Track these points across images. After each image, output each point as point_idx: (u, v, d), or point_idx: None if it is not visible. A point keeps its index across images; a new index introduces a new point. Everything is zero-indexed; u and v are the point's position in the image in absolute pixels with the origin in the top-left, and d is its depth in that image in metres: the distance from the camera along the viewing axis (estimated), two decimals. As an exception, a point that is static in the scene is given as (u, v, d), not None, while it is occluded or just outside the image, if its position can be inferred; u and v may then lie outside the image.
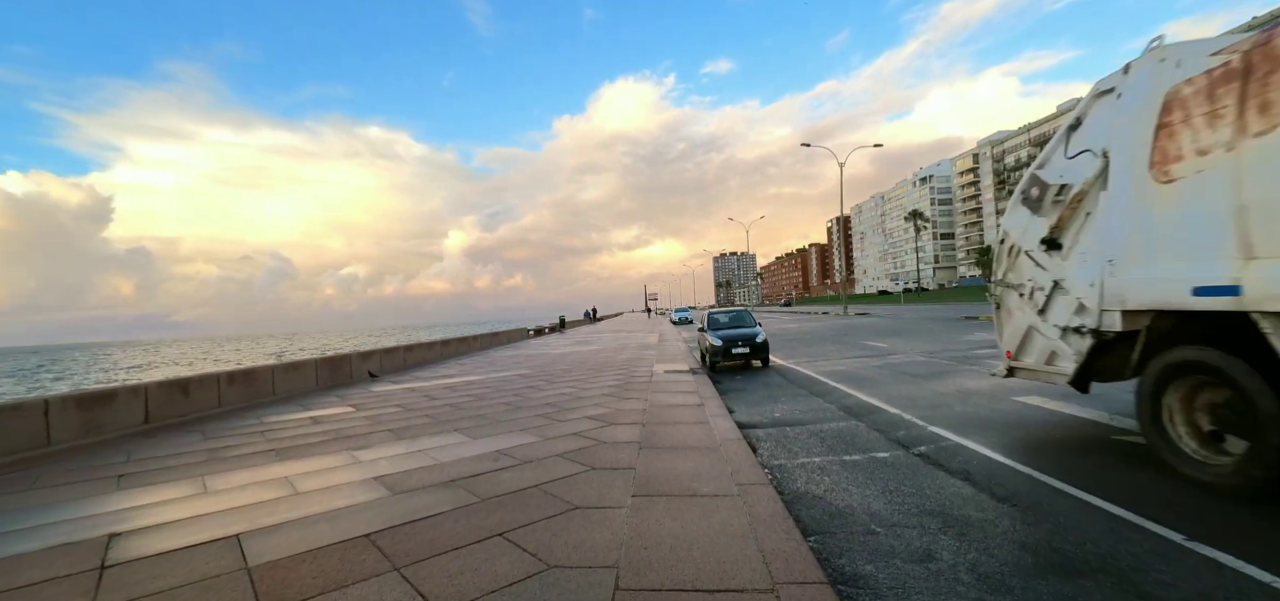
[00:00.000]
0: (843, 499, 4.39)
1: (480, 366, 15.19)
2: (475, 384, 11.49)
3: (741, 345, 13.06)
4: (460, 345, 20.30)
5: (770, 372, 12.33)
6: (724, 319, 15.04)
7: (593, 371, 12.85)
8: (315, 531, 3.77)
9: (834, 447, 5.90)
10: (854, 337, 19.86)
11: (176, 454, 6.20)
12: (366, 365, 13.37)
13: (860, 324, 28.77)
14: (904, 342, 16.61)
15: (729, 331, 13.74)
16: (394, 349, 15.03)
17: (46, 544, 3.75)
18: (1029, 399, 7.46)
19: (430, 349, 17.40)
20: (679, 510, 3.92)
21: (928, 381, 9.50)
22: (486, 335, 23.53)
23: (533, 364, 15.34)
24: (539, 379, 11.87)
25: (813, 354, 15.36)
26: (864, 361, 12.91)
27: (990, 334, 18.00)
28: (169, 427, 7.63)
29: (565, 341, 25.70)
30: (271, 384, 10.27)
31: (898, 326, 24.47)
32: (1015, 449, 5.34)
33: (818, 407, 8.08)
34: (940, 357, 12.59)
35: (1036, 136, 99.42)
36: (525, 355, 18.60)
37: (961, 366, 11.02)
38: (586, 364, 14.70)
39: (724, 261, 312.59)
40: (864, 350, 15.37)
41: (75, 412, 6.86)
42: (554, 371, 13.22)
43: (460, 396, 9.80)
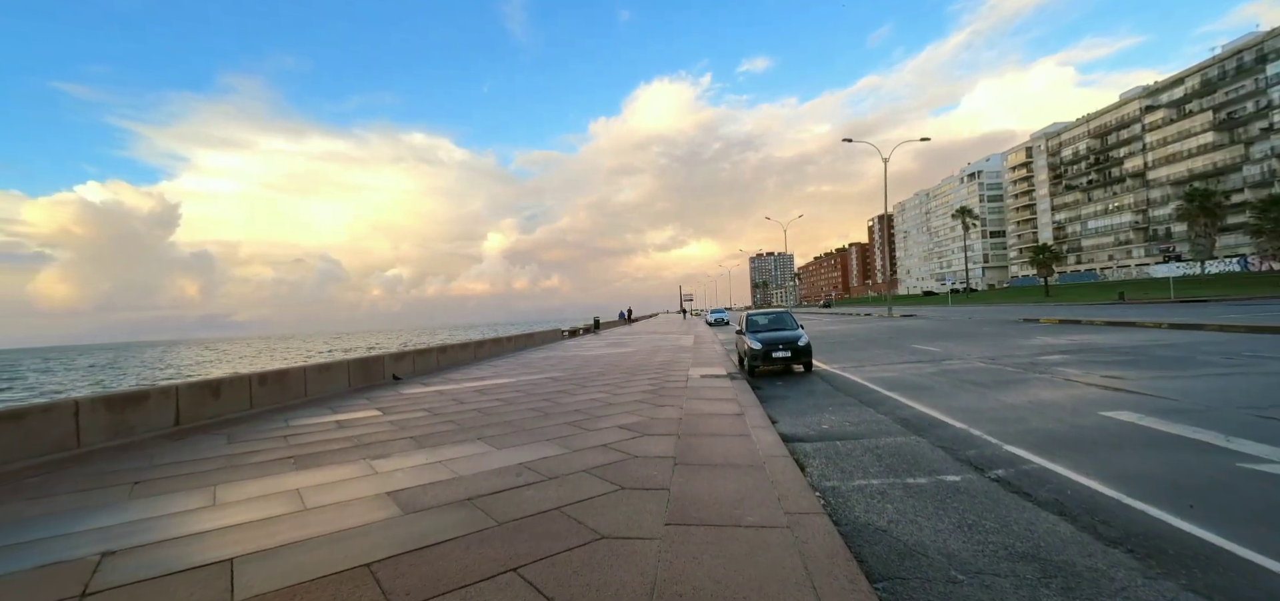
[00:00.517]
0: (912, 533, 3.76)
1: (513, 368, 14.95)
2: (506, 387, 11.19)
3: (782, 348, 12.36)
4: (494, 346, 20.21)
5: (813, 378, 11.58)
6: (763, 321, 14.33)
7: (626, 375, 12.39)
8: (314, 557, 3.40)
9: (894, 468, 5.22)
10: (902, 341, 18.76)
11: (196, 459, 6.04)
12: (397, 367, 13.29)
13: (907, 326, 27.39)
14: (959, 347, 15.50)
15: (769, 334, 13.05)
16: (427, 350, 14.97)
17: (39, 561, 3.51)
18: (1119, 414, 6.56)
19: (464, 350, 17.32)
20: (720, 544, 3.38)
21: (994, 391, 8.61)
22: (521, 336, 23.42)
23: (565, 366, 15.01)
24: (570, 382, 11.49)
25: (858, 358, 14.47)
26: (917, 367, 12.00)
27: (1056, 337, 16.59)
28: (198, 430, 7.56)
29: (599, 343, 25.38)
30: (303, 385, 10.22)
31: (949, 329, 23.10)
32: (1116, 476, 4.55)
33: (870, 419, 7.36)
34: (1004, 364, 11.57)
35: (1097, 127, 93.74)
36: (558, 357, 18.31)
37: (1030, 374, 10.03)
38: (620, 367, 14.26)
39: (760, 262, 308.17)
40: (915, 354, 14.39)
41: (105, 414, 6.83)
42: (586, 375, 12.83)
43: (489, 400, 9.49)
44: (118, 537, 3.85)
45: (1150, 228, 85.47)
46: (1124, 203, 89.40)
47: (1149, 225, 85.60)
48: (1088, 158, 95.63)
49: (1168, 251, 37.28)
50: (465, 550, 3.42)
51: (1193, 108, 78.15)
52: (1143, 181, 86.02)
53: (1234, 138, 72.98)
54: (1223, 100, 74.29)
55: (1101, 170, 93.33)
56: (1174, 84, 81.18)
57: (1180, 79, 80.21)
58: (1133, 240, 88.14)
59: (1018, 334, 18.78)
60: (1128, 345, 13.47)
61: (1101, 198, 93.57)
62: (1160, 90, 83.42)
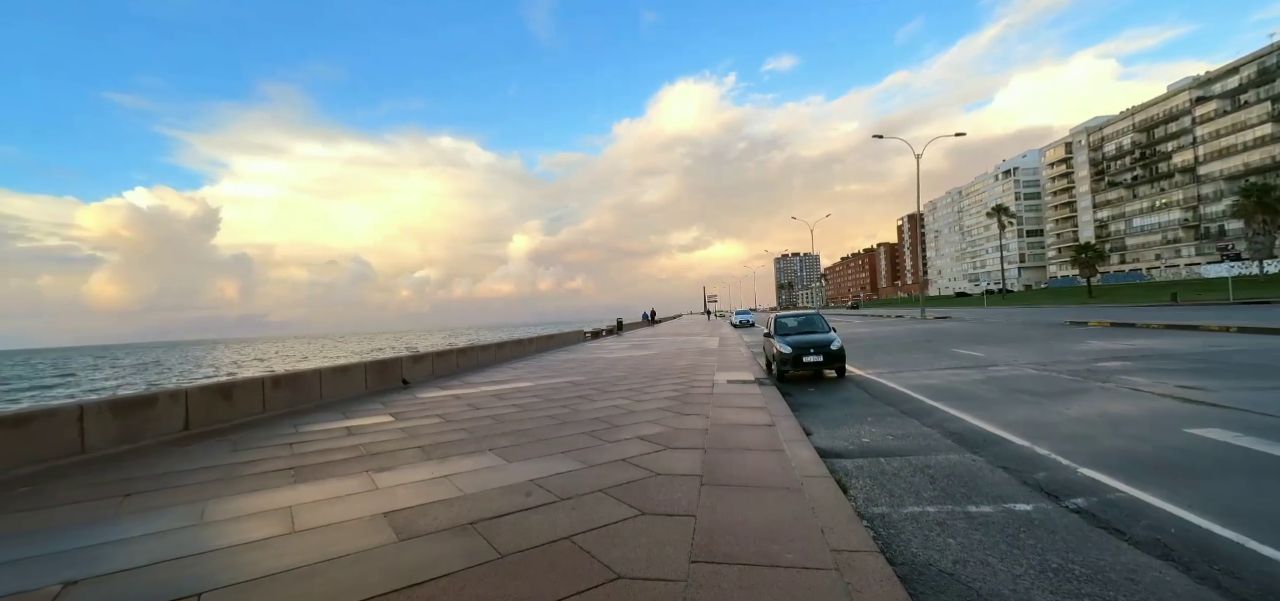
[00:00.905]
0: (985, 579, 3.16)
1: (532, 371, 14.59)
2: (524, 391, 10.80)
3: (814, 353, 11.69)
4: (515, 348, 19.92)
5: (848, 385, 10.89)
6: (793, 323, 13.66)
7: (649, 380, 11.89)
8: (289, 594, 2.99)
9: (951, 492, 4.60)
10: (940, 344, 17.81)
11: (195, 469, 5.75)
12: (414, 370, 13.02)
13: (943, 329, 26.23)
14: (1004, 351, 14.56)
15: (799, 337, 12.38)
16: (447, 352, 14.70)
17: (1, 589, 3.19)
18: (1208, 431, 5.77)
19: (484, 352, 17.05)
20: (755, 590, 2.85)
21: (1052, 402, 7.83)
22: (542, 338, 23.10)
23: (586, 369, 14.58)
24: (590, 387, 11.04)
25: (895, 363, 13.68)
26: (961, 374, 11.20)
27: (1108, 341, 15.43)
28: (206, 435, 7.33)
29: (622, 345, 24.94)
30: (319, 388, 10.00)
31: (989, 331, 21.96)
32: (1227, 510, 3.85)
33: (915, 432, 6.70)
34: (1057, 370, 10.69)
35: (1142, 121, 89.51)
36: (580, 359, 17.91)
37: (1090, 383, 9.18)
38: (642, 370, 13.76)
39: (786, 262, 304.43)
40: (957, 359, 13.53)
41: (110, 419, 6.63)
42: (607, 379, 12.36)
43: (505, 406, 9.09)
44: (87, 562, 3.51)
45: (1201, 225, 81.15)
46: (1172, 199, 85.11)
47: (1200, 223, 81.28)
48: (1132, 152, 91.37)
49: (1226, 249, 35.06)
50: (460, 589, 2.96)
51: (1248, 98, 73.91)
52: (1193, 177, 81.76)
53: (1295, 130, 68.79)
54: (1282, 90, 70.08)
55: (1147, 165, 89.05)
56: (1228, 73, 76.93)
57: (1234, 68, 75.96)
58: (1182, 238, 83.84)
59: (1067, 337, 17.65)
60: (1196, 350, 12.38)
61: (1148, 194, 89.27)
62: (1212, 80, 79.15)
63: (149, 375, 50.79)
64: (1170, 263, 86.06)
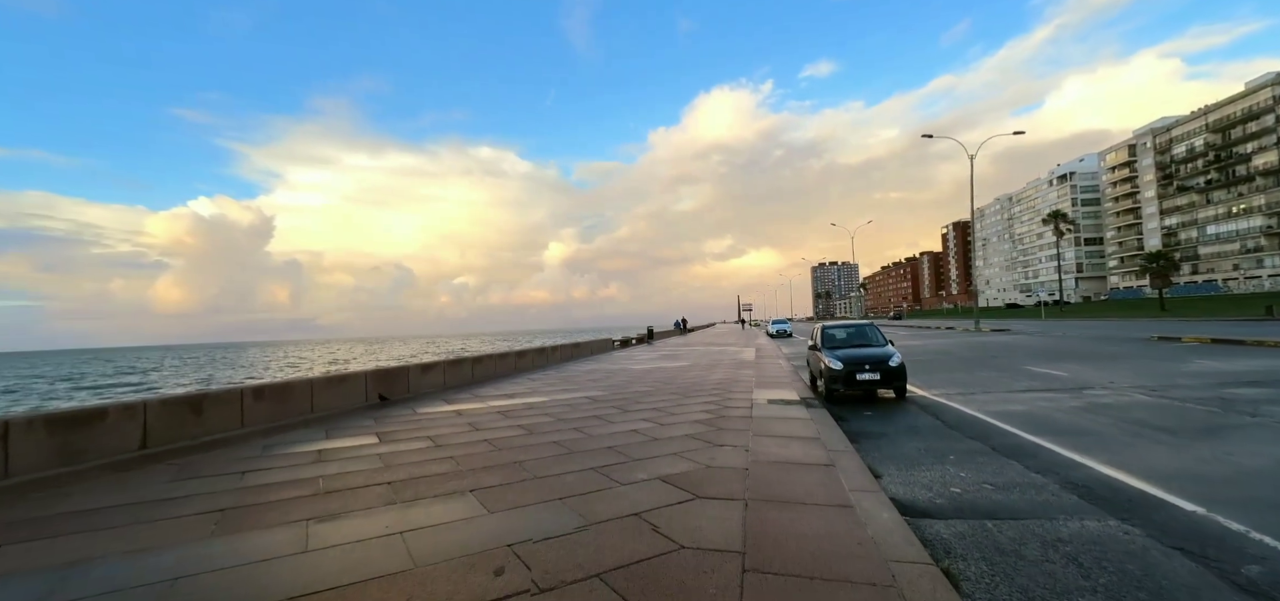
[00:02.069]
0: None
1: (551, 384, 13.39)
2: (534, 409, 9.57)
3: (868, 369, 10.08)
4: (538, 357, 18.76)
5: (911, 409, 9.25)
6: (842, 335, 12.03)
7: (678, 396, 10.51)
8: None
9: (1121, 594, 3.07)
10: (1009, 360, 15.78)
11: (111, 506, 4.69)
12: (425, 380, 11.96)
13: (1006, 343, 23.85)
14: (1093, 371, 12.54)
15: (852, 351, 10.77)
16: (460, 361, 13.63)
17: None
18: None
19: (502, 361, 15.93)
20: None
21: (1197, 442, 6.08)
22: (567, 346, 21.86)
23: (609, 383, 13.29)
24: (610, 405, 9.73)
25: (962, 383, 11.88)
26: (1051, 398, 9.40)
27: (1221, 361, 12.88)
28: (163, 457, 6.34)
29: (651, 354, 23.57)
30: (309, 400, 9.01)
31: (1062, 347, 19.63)
32: None
33: (1021, 480, 5.12)
34: (1176, 397, 8.79)
35: (1217, 120, 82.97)
36: (604, 370, 16.65)
37: (1234, 416, 7.32)
38: (671, 385, 12.38)
39: (823, 271, 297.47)
40: (1038, 380, 11.64)
41: (45, 437, 5.69)
42: (631, 394, 11.03)
43: (508, 428, 7.87)
44: None
45: (1287, 233, 74.35)
46: (1253, 204, 78.35)
47: (1286, 230, 74.49)
48: (1205, 155, 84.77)
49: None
50: None
51: (1343, 94, 67.41)
52: (1277, 180, 75.08)
53: (1399, 126, 62.17)
54: (1383, 83, 63.56)
55: (1223, 168, 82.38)
56: (1318, 67, 70.39)
57: (1326, 61, 69.44)
58: (1265, 247, 76.99)
59: (1163, 355, 15.36)
60: (1343, 374, 10.19)
61: (1223, 199, 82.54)
62: (1299, 75, 72.66)
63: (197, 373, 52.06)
64: (1250, 273, 79.07)
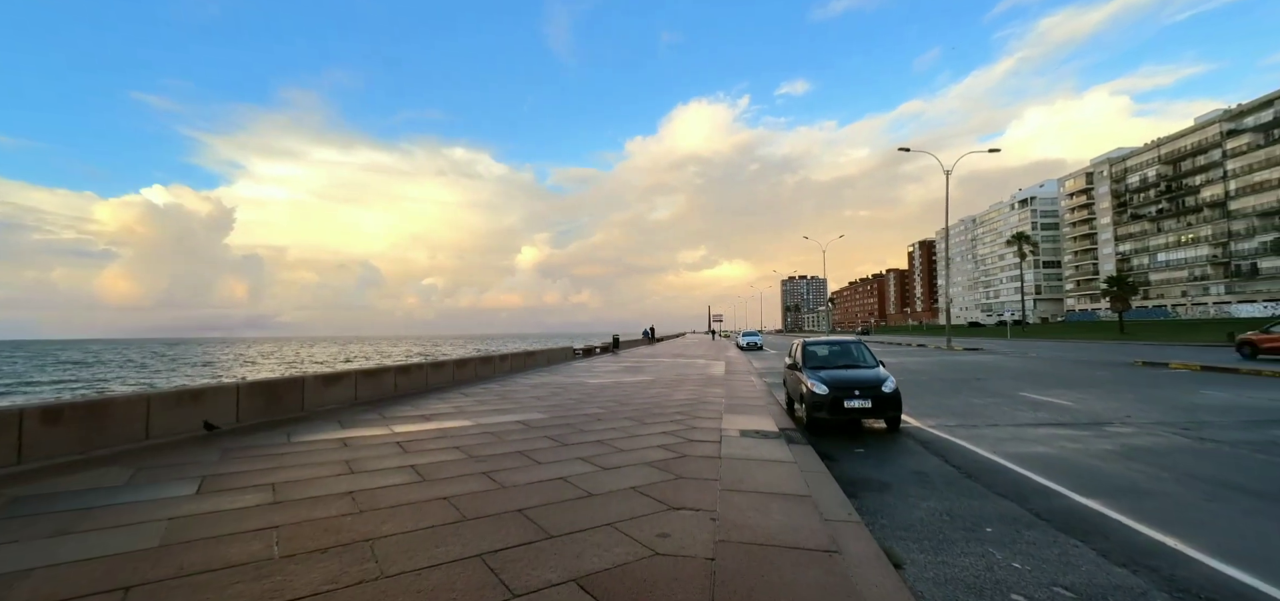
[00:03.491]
0: None
1: (486, 401, 11.43)
2: (448, 437, 7.64)
3: (858, 396, 8.51)
4: (483, 366, 16.64)
5: (909, 445, 7.69)
6: (825, 352, 10.47)
7: (633, 422, 8.73)
8: None
9: None
10: (997, 384, 14.53)
11: None
12: (330, 394, 9.81)
13: (985, 363, 22.87)
14: (1096, 400, 11.30)
15: (838, 373, 9.19)
16: (380, 371, 11.46)
17: None
18: None
19: (438, 371, 13.81)
20: None
21: (1303, 514, 4.61)
22: (519, 355, 19.66)
23: (556, 401, 11.42)
24: (548, 433, 7.88)
25: (956, 411, 10.46)
26: (1070, 436, 7.97)
27: (1230, 392, 11.30)
28: (34, 475, 4.23)
29: (614, 366, 21.75)
30: (142, 424, 6.84)
31: (1045, 370, 18.64)
32: None
33: (1103, 579, 3.50)
34: (1220, 439, 7.44)
35: (1169, 152, 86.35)
36: (555, 385, 14.75)
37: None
38: (629, 405, 10.60)
39: (793, 285, 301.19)
40: (1040, 410, 10.28)
41: None
42: (577, 419, 9.20)
43: (398, 469, 5.94)
44: None
45: (1232, 263, 77.52)
46: (1201, 234, 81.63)
47: (1230, 260, 77.66)
48: (1158, 185, 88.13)
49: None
50: None
51: (1285, 132, 70.72)
52: (1223, 212, 78.34)
53: (1335, 166, 65.44)
54: (1322, 124, 66.91)
55: (1174, 198, 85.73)
56: (1261, 106, 73.90)
57: (1269, 101, 72.94)
58: (1211, 276, 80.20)
59: (1162, 383, 14.34)
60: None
61: (1174, 229, 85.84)
62: (1245, 113, 76.12)
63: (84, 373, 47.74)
64: (1197, 300, 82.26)
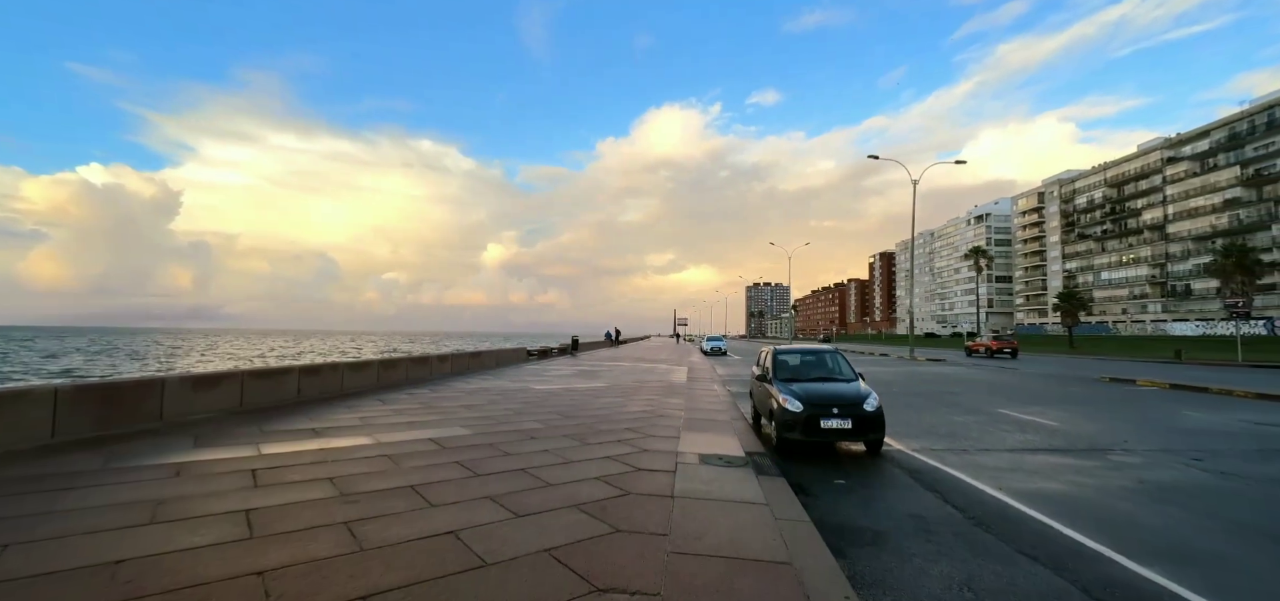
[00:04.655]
0: None
1: (405, 412, 9.78)
2: (333, 460, 6.05)
3: (837, 415, 7.31)
4: (416, 368, 14.84)
5: (896, 474, 6.53)
6: (797, 361, 9.25)
7: (573, 441, 7.30)
8: None
9: None
10: (973, 399, 13.72)
11: None
12: (200, 400, 8.00)
13: (952, 375, 22.36)
14: (1084, 422, 10.50)
15: (814, 388, 7.96)
16: (277, 372, 9.50)
17: None
18: None
19: (359, 373, 11.87)
20: None
21: None
22: (461, 356, 17.77)
23: (490, 413, 9.89)
24: (463, 458, 6.37)
25: (940, 432, 9.43)
26: (1074, 466, 6.96)
27: (1215, 414, 9.90)
28: None
29: (567, 370, 20.24)
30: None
31: (1015, 384, 18.11)
32: None
33: None
34: (1238, 472, 6.53)
35: (1114, 176, 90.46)
36: (496, 392, 13.17)
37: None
38: (574, 417, 9.17)
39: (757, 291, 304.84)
40: (1028, 431, 9.36)
41: None
42: (506, 436, 7.71)
43: (220, 523, 4.37)
44: None
45: (1168, 283, 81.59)
46: (1141, 255, 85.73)
47: (1167, 280, 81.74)
48: (1103, 207, 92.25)
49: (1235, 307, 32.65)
50: None
51: (1218, 161, 74.84)
52: (1162, 234, 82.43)
53: (1263, 195, 69.50)
54: (1251, 156, 71.02)
55: (1117, 220, 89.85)
56: (1199, 136, 78.08)
57: (1206, 131, 77.10)
58: (1149, 294, 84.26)
59: (1136, 401, 13.80)
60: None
61: (1116, 248, 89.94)
62: (1183, 142, 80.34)
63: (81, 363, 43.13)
64: (1136, 317, 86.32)
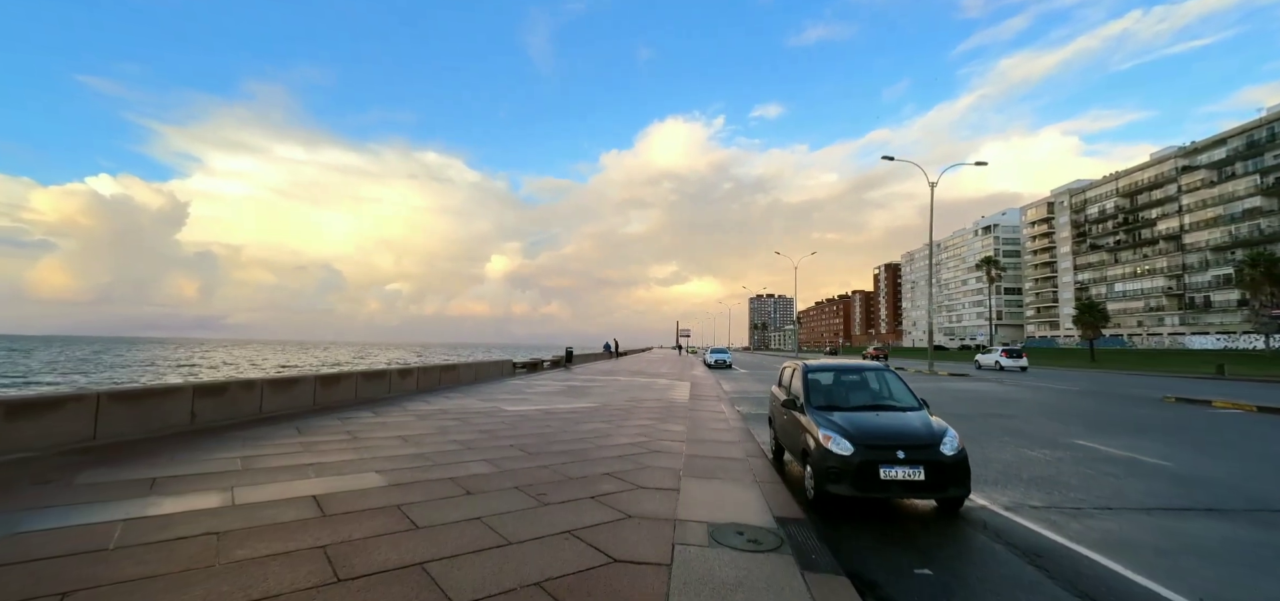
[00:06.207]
0: None
1: (319, 448, 7.60)
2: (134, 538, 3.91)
3: (904, 461, 5.12)
4: (368, 385, 12.40)
5: (1000, 554, 4.32)
6: (835, 382, 6.99)
7: (526, 499, 5.13)
8: None
9: None
10: (1033, 425, 11.47)
11: None
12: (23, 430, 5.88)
13: (987, 393, 20.07)
14: (1187, 454, 8.25)
15: (866, 421, 5.73)
16: (166, 392, 7.45)
17: None
18: None
19: (284, 392, 9.35)
20: None
21: None
22: (432, 369, 15.40)
23: (430, 447, 7.73)
24: (337, 537, 4.22)
25: (1022, 475, 7.21)
26: (1266, 542, 4.76)
27: None
28: None
29: (555, 386, 18.07)
30: None
31: (1066, 405, 15.84)
32: None
33: None
34: None
35: (1126, 186, 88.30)
36: (456, 415, 11.00)
37: None
38: (541, 454, 7.01)
39: (760, 303, 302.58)
40: (1143, 476, 7.12)
41: None
42: (436, 490, 5.54)
43: None
44: None
45: (1186, 294, 79.10)
46: (1156, 266, 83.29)
47: (1185, 291, 79.24)
48: (1115, 217, 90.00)
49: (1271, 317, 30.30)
50: None
51: (1237, 170, 72.68)
52: (1178, 245, 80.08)
53: (1285, 202, 67.33)
54: (1271, 163, 68.87)
55: (1131, 230, 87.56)
56: (1215, 144, 75.97)
57: (1222, 139, 75.04)
58: (1166, 306, 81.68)
59: (1228, 428, 11.54)
60: None
61: (1130, 259, 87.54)
62: (1198, 150, 78.21)
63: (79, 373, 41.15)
64: (1152, 330, 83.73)
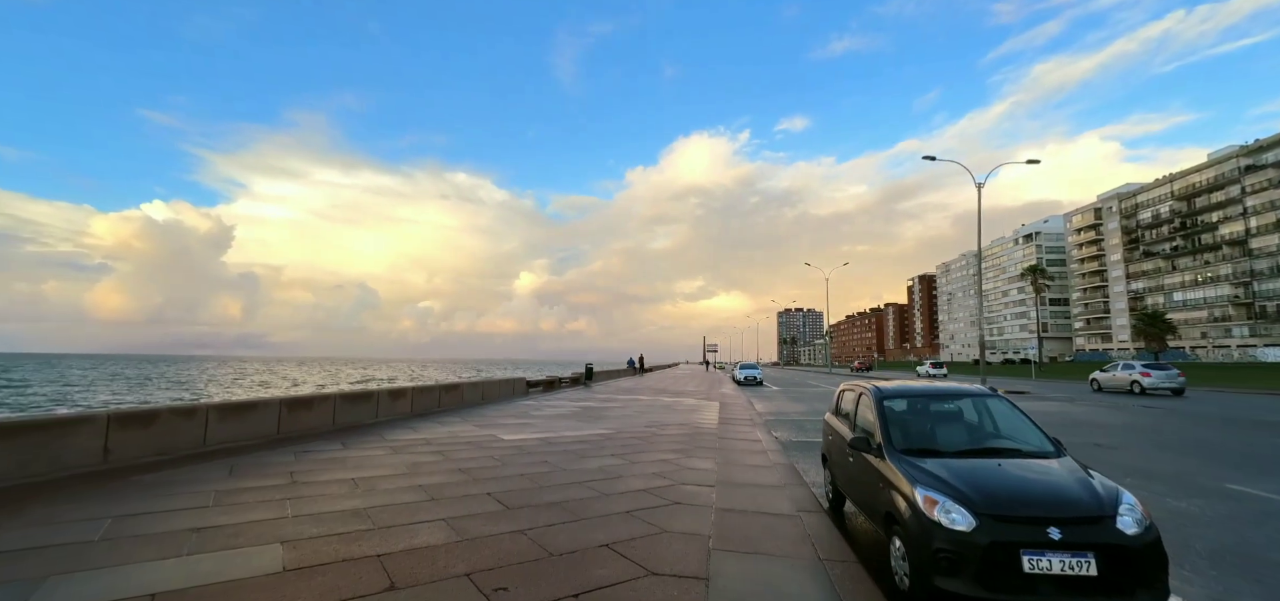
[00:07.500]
0: None
1: (236, 498, 6.12)
2: None
3: (1056, 541, 3.22)
4: (349, 408, 10.69)
5: None
6: (915, 412, 5.11)
7: (506, 574, 3.41)
8: None
9: None
10: (1154, 462, 9.24)
11: None
12: None
13: (1067, 415, 17.57)
14: None
15: (986, 475, 3.81)
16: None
17: None
18: None
19: (236, 417, 8.14)
20: None
21: None
22: (431, 390, 13.94)
23: (387, 493, 6.10)
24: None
25: (1194, 545, 5.15)
26: None
27: None
28: None
29: (568, 408, 16.39)
30: None
31: (1174, 429, 13.38)
32: None
33: None
34: None
35: (1182, 188, 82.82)
36: (440, 446, 9.39)
37: None
38: (524, 507, 5.32)
39: (789, 317, 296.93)
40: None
41: None
42: (348, 572, 3.88)
43: None
44: None
45: (1256, 303, 73.18)
46: (1220, 273, 77.44)
47: (1254, 300, 73.34)
48: (1171, 221, 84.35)
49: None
50: None
51: (1310, 167, 67.25)
52: (1244, 250, 74.32)
53: (1368, 203, 61.73)
54: (1351, 160, 63.44)
55: (1189, 236, 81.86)
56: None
57: (1292, 134, 69.61)
58: (1233, 316, 75.72)
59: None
60: None
61: (1190, 267, 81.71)
62: (1264, 148, 72.74)
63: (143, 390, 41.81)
64: (1219, 342, 77.67)
